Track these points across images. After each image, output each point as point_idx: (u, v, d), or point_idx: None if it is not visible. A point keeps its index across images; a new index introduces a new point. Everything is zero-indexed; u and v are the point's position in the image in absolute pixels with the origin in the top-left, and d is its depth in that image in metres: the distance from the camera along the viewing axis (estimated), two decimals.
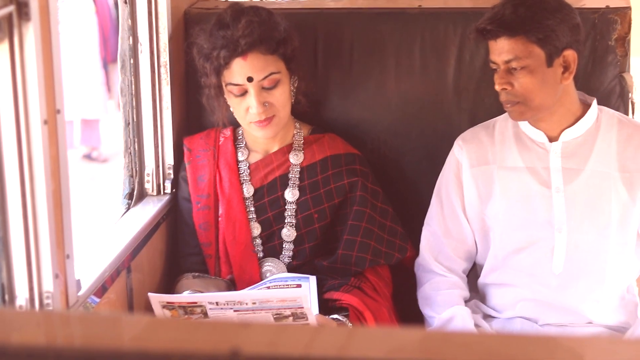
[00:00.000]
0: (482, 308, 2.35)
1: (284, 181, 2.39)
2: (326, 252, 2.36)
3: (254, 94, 2.25)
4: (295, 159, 2.40)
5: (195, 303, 2.01)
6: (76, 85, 6.77)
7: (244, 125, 2.35)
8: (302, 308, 1.98)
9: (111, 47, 7.12)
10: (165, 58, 2.47)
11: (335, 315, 2.20)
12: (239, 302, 2.00)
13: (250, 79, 2.25)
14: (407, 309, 2.39)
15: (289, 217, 2.37)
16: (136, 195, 2.45)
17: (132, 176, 2.46)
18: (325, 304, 2.24)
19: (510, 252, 2.28)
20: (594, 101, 2.27)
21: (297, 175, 2.39)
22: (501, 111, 2.29)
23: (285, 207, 2.38)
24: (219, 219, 2.39)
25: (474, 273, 2.41)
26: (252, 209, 2.39)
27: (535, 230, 2.24)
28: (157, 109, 2.48)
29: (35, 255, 1.75)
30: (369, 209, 2.35)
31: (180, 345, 0.83)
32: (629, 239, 2.24)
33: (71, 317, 0.96)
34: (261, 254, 2.37)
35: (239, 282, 2.34)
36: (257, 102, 2.25)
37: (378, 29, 2.53)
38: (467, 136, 2.34)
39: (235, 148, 2.44)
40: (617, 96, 2.46)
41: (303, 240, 2.36)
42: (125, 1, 2.38)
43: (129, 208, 2.43)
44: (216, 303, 2.00)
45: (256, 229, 2.38)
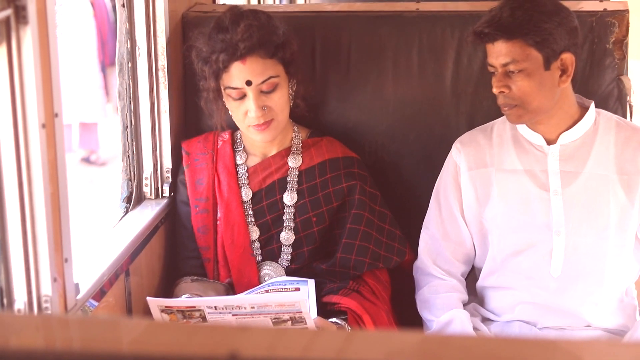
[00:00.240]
0: (481, 311, 2.35)
1: (282, 185, 2.39)
2: (325, 256, 2.36)
3: (253, 98, 2.25)
4: (294, 162, 2.40)
5: (193, 307, 2.01)
6: (74, 88, 6.77)
7: (243, 128, 2.35)
8: (301, 312, 1.98)
9: (109, 51, 7.13)
10: (163, 61, 2.47)
11: (333, 318, 2.19)
12: (237, 307, 1.99)
13: (249, 83, 2.25)
14: (406, 313, 2.39)
15: (288, 221, 2.37)
16: (134, 198, 2.45)
17: (131, 179, 2.46)
18: (323, 307, 2.23)
19: (509, 255, 2.27)
20: (592, 104, 2.27)
21: (296, 179, 2.39)
22: (499, 114, 2.29)
23: (284, 211, 2.37)
24: (218, 223, 2.38)
25: (472, 276, 2.41)
26: (251, 212, 2.38)
27: (533, 233, 2.24)
28: (155, 113, 2.48)
29: (34, 259, 1.75)
30: (367, 212, 2.35)
31: (178, 349, 0.83)
32: (627, 242, 2.24)
33: (70, 321, 0.96)
34: (260, 258, 2.37)
35: (237, 286, 2.34)
36: (256, 106, 2.25)
37: (376, 32, 2.53)
38: (465, 139, 2.34)
39: (234, 151, 2.44)
40: (615, 99, 2.46)
41: (302, 243, 2.36)
42: (123, 4, 2.38)
43: (127, 211, 2.43)
44: (215, 307, 1.99)
45: (255, 233, 2.37)
